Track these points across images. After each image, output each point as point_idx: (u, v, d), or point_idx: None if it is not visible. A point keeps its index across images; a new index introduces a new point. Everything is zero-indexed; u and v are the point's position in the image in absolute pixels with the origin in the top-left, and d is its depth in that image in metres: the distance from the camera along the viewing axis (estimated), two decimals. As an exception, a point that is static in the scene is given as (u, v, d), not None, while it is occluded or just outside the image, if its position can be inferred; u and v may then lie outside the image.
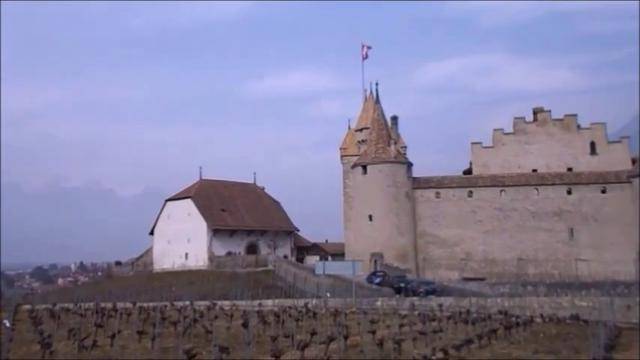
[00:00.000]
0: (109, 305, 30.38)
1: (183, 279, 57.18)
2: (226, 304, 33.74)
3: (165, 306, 29.86)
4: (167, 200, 72.00)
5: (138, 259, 73.49)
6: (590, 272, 50.57)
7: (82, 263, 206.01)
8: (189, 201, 67.53)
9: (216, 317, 22.62)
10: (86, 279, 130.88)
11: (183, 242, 66.12)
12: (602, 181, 56.71)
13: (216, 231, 66.14)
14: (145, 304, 30.95)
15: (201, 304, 32.92)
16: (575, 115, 62.55)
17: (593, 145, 60.81)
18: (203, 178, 72.16)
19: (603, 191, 56.40)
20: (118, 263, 76.74)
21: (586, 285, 42.12)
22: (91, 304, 33.51)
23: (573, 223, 56.29)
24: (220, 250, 65.46)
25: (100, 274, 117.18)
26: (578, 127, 61.91)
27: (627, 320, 27.27)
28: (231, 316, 23.51)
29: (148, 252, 72.46)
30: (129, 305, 30.16)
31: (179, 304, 31.55)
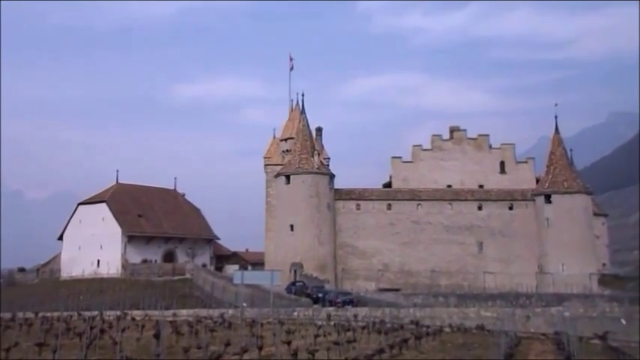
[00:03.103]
0: (8, 315, 28.36)
1: (94, 287, 54.61)
2: (138, 314, 32.54)
3: (71, 316, 28.30)
4: (79, 204, 68.50)
5: (44, 265, 69.18)
6: (496, 284, 53.71)
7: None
8: (103, 205, 64.60)
9: (124, 329, 21.71)
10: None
11: (95, 248, 63.03)
12: (510, 198, 60.50)
13: (132, 237, 63.65)
14: (49, 314, 29.19)
15: (111, 314, 31.54)
16: (488, 136, 66.37)
17: (502, 164, 64.71)
18: (120, 182, 69.32)
19: (510, 208, 60.14)
20: (22, 270, 71.75)
21: (492, 296, 44.62)
22: (-13, 313, 31.14)
23: (482, 237, 59.50)
24: (135, 258, 62.99)
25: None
26: (490, 146, 65.71)
27: (526, 330, 29.21)
28: (143, 326, 22.69)
29: (56, 258, 68.43)
30: (30, 315, 28.31)
31: (87, 314, 30.03)
